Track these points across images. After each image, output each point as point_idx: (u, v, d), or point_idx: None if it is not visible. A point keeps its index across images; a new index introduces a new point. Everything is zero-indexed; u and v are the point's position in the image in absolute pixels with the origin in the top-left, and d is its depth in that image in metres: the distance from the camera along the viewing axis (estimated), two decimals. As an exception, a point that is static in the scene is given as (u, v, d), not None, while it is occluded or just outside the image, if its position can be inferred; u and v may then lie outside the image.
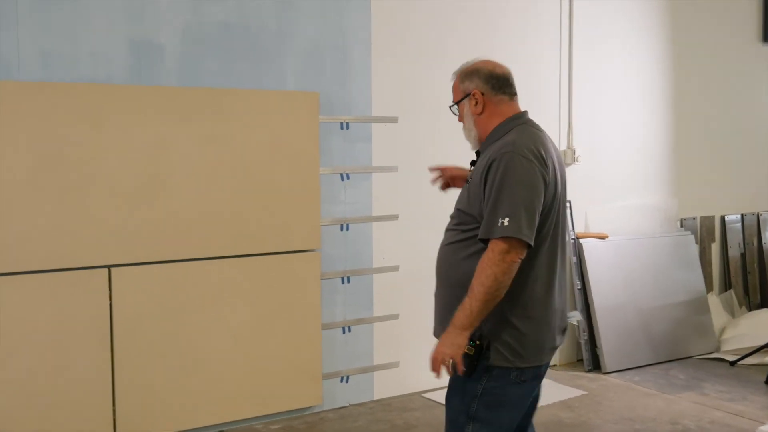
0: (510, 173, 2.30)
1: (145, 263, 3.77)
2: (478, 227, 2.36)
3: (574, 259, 5.28)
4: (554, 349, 2.51)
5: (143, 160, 3.73)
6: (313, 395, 4.28)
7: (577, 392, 4.75)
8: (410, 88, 4.61)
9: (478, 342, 2.36)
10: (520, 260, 2.30)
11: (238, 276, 4.01)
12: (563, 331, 2.54)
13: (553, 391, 4.71)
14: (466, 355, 2.34)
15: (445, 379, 2.45)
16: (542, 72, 5.19)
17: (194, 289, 3.90)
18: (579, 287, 5.27)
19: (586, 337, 5.25)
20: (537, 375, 2.48)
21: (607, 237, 5.40)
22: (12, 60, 3.48)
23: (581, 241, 5.31)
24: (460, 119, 2.58)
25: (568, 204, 5.24)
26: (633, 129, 5.68)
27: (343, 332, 4.46)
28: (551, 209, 2.40)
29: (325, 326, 4.34)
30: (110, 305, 3.69)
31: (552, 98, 5.26)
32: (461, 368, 2.33)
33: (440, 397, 3.47)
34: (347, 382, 4.48)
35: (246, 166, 3.98)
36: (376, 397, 4.59)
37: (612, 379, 5.05)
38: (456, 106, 2.58)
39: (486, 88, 2.49)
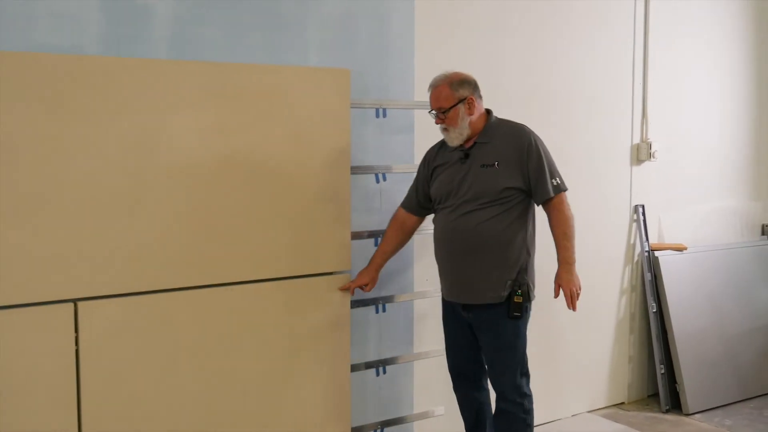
0: (542, 147, 3.03)
1: (123, 295, 2.83)
2: (520, 198, 2.99)
3: (648, 276, 4.39)
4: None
5: (122, 158, 2.79)
6: (340, 455, 3.37)
7: (662, 442, 3.89)
8: (462, 69, 3.67)
9: None
10: None
11: (246, 308, 3.08)
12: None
13: (632, 440, 3.84)
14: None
15: None
16: (612, 54, 4.33)
17: (189, 327, 2.97)
18: (654, 310, 4.38)
19: (663, 371, 4.36)
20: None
21: (685, 249, 4.50)
22: (-60, 21, 2.54)
23: (656, 254, 4.42)
24: (446, 122, 3.02)
25: (640, 208, 4.43)
26: (714, 124, 4.84)
27: (377, 374, 3.56)
28: None
29: (355, 367, 3.44)
30: (77, 351, 2.76)
31: (623, 84, 4.39)
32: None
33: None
34: (381, 435, 3.58)
35: (256, 165, 3.06)
36: (415, 453, 3.71)
37: (698, 422, 4.18)
38: (448, 111, 3.00)
39: (476, 94, 3.06)
